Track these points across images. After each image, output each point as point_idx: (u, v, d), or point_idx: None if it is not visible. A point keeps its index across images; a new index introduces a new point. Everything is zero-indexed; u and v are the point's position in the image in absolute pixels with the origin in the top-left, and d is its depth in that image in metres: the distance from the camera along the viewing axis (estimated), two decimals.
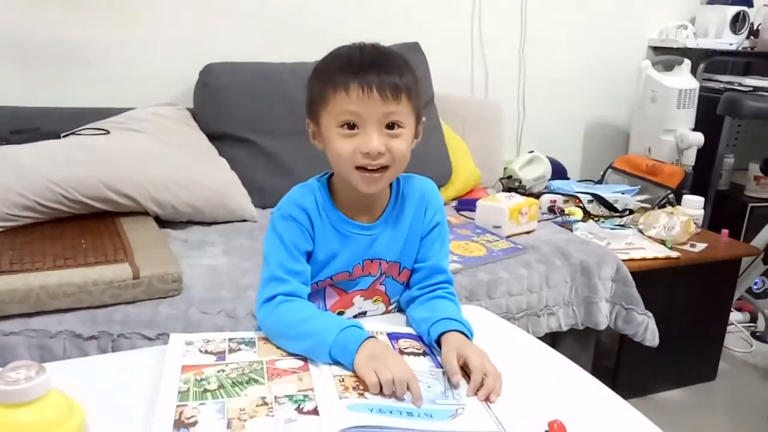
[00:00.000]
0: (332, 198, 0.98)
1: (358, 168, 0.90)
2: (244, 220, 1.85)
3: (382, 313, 1.05)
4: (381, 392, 0.78)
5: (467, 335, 0.91)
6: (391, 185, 1.00)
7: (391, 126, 0.90)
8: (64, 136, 1.78)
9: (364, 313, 1.04)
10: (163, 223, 1.72)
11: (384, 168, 0.91)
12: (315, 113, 0.93)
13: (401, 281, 1.04)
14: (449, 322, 0.91)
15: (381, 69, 0.88)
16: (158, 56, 2.11)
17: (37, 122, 1.82)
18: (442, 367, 0.86)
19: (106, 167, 1.63)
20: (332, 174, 0.99)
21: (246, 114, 2.03)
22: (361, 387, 0.79)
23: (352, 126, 0.89)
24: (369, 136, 0.88)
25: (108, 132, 1.81)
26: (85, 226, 1.58)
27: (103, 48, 2.05)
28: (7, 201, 1.52)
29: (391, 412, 0.74)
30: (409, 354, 0.90)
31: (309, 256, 0.97)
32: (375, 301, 1.04)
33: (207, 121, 2.03)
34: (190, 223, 1.78)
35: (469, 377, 0.83)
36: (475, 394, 0.81)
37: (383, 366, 0.79)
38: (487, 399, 0.80)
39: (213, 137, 2.00)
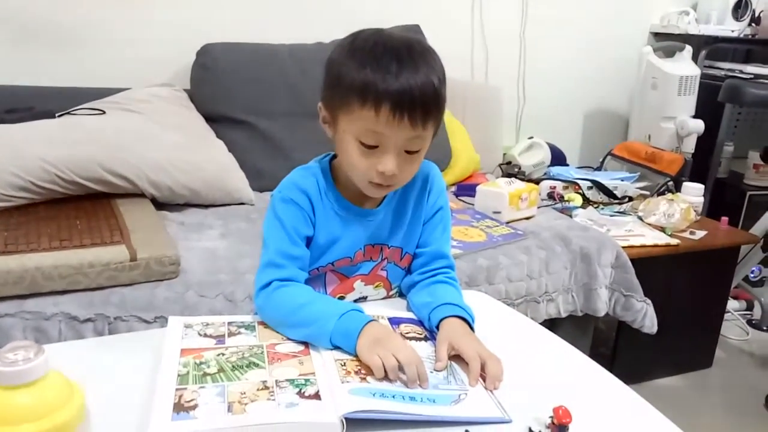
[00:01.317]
0: (334, 181, 0.96)
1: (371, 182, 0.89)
2: (242, 203, 1.84)
3: (383, 299, 1.04)
4: (385, 377, 0.77)
5: (468, 320, 0.90)
6: None
7: (410, 150, 0.87)
8: (59, 116, 1.75)
9: (364, 298, 1.03)
10: (159, 205, 1.70)
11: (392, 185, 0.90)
12: (333, 110, 0.89)
13: (403, 266, 1.03)
14: (450, 308, 0.90)
15: (416, 88, 0.82)
16: (155, 36, 2.07)
17: (31, 101, 1.79)
18: None
19: (102, 148, 1.61)
20: (334, 156, 0.97)
21: (244, 95, 2.00)
22: (363, 371, 0.78)
23: (373, 146, 0.86)
24: (388, 157, 0.85)
25: (104, 112, 1.79)
26: (81, 207, 1.56)
27: (99, 27, 2.01)
28: (1, 181, 1.49)
29: (393, 397, 0.74)
30: (410, 339, 0.89)
31: (309, 240, 0.95)
32: (376, 286, 1.03)
33: (204, 102, 2.01)
34: (187, 205, 1.77)
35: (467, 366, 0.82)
36: (478, 381, 0.80)
37: (387, 351, 0.78)
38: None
39: (210, 119, 1.98)
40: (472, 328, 0.90)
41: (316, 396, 0.73)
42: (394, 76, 0.82)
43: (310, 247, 0.95)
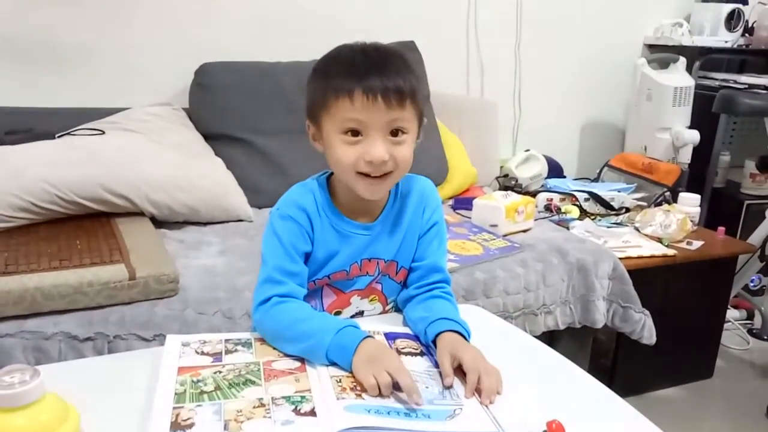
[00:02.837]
0: (331, 198, 0.98)
1: (360, 174, 0.90)
2: (240, 220, 1.85)
3: (380, 313, 1.05)
4: (380, 394, 0.78)
5: (464, 335, 0.90)
6: None
7: (395, 133, 0.89)
8: (59, 137, 1.77)
9: (361, 313, 1.04)
10: (158, 223, 1.71)
11: (387, 174, 0.91)
12: (316, 117, 0.92)
13: (398, 281, 1.04)
14: (446, 322, 0.91)
15: (384, 73, 0.87)
16: (153, 56, 2.10)
17: (31, 123, 1.81)
18: (439, 367, 0.86)
19: (101, 168, 1.62)
20: (332, 173, 0.99)
21: (242, 114, 2.02)
22: (358, 388, 0.79)
23: (355, 133, 0.88)
24: (373, 144, 0.88)
25: (103, 132, 1.80)
26: (81, 226, 1.57)
27: (98, 48, 2.04)
28: (2, 202, 1.51)
29: (388, 413, 0.74)
30: (406, 354, 0.89)
31: (307, 256, 0.96)
32: (371, 300, 1.04)
33: (202, 120, 2.03)
34: (186, 223, 1.78)
35: (464, 378, 0.83)
36: (474, 395, 0.80)
37: (381, 369, 0.79)
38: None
39: (209, 137, 2.00)
40: None
41: (312, 413, 0.73)
42: (362, 66, 0.87)
43: (308, 262, 0.96)
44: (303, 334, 0.87)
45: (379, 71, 0.86)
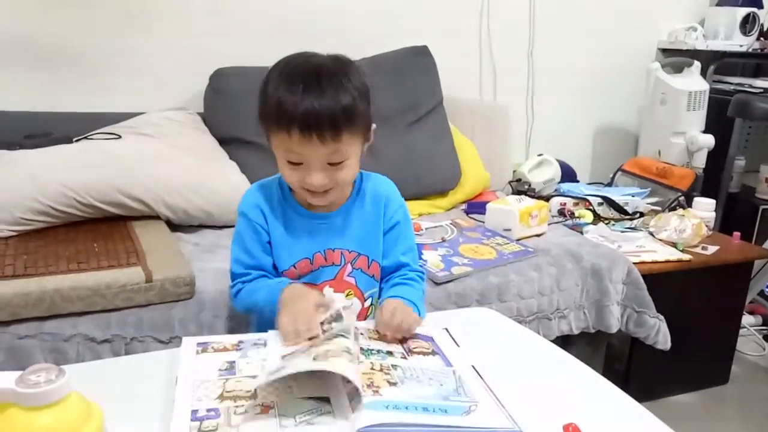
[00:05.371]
0: (291, 191, 1.04)
1: (304, 189, 0.97)
2: None
3: (360, 309, 1.08)
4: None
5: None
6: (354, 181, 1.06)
7: (333, 163, 0.95)
8: (76, 141, 1.79)
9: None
10: (174, 226, 1.73)
11: (329, 189, 0.97)
12: (264, 126, 0.99)
13: (371, 274, 1.09)
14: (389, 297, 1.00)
15: (321, 109, 0.90)
16: (169, 61, 2.12)
17: (49, 127, 1.83)
18: (452, 366, 0.87)
19: (118, 172, 1.64)
20: None
21: (256, 118, 2.01)
22: (374, 384, 0.80)
23: (296, 162, 0.95)
24: (312, 174, 0.94)
25: (119, 136, 1.82)
26: (98, 230, 1.59)
27: (115, 54, 2.06)
28: (21, 205, 1.53)
29: (406, 408, 0.75)
30: (418, 353, 0.90)
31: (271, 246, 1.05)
32: (348, 295, 1.07)
33: (217, 125, 2.04)
34: (201, 226, 1.79)
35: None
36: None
37: (293, 315, 0.87)
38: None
39: (223, 141, 2.01)
40: None
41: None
42: (299, 100, 0.90)
43: (272, 251, 1.04)
44: (264, 286, 1.02)
45: (315, 108, 0.89)
